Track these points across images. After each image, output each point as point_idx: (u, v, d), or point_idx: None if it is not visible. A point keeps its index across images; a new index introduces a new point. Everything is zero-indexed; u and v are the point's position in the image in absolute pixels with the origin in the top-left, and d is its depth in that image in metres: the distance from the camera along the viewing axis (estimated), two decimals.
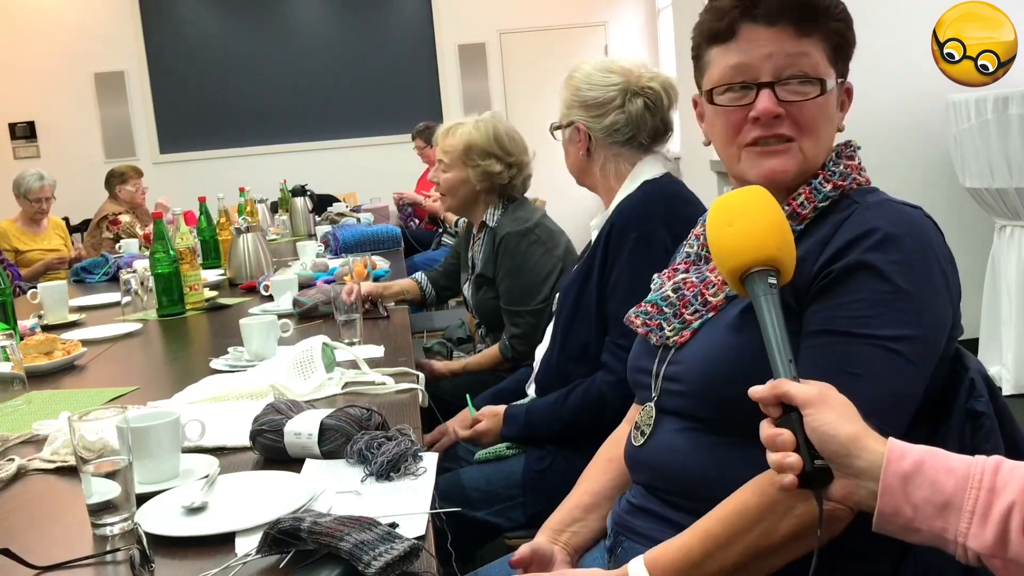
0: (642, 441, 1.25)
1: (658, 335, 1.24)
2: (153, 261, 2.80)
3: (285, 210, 5.39)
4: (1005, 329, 3.83)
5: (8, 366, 1.84)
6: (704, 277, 1.22)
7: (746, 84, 1.16)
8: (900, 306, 1.05)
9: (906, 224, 1.09)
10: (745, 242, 1.01)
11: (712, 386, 1.15)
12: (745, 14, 1.15)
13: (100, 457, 1.16)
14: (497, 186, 2.56)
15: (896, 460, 0.86)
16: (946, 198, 4.21)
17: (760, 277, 1.00)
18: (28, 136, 7.93)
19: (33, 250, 5.04)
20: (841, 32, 1.17)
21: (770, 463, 0.90)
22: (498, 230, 2.50)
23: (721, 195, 1.10)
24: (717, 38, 1.18)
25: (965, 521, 0.82)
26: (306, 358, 1.82)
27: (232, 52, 8.10)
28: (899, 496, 0.85)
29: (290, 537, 1.02)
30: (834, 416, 0.88)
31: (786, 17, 1.13)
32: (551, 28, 8.29)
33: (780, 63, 1.14)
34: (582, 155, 1.94)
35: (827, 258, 1.09)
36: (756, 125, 1.15)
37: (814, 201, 1.16)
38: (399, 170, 7.32)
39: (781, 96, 1.14)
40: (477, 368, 2.53)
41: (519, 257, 2.42)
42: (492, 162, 2.53)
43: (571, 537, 1.34)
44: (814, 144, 1.16)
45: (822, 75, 1.15)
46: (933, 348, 1.08)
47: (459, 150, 2.55)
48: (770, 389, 0.92)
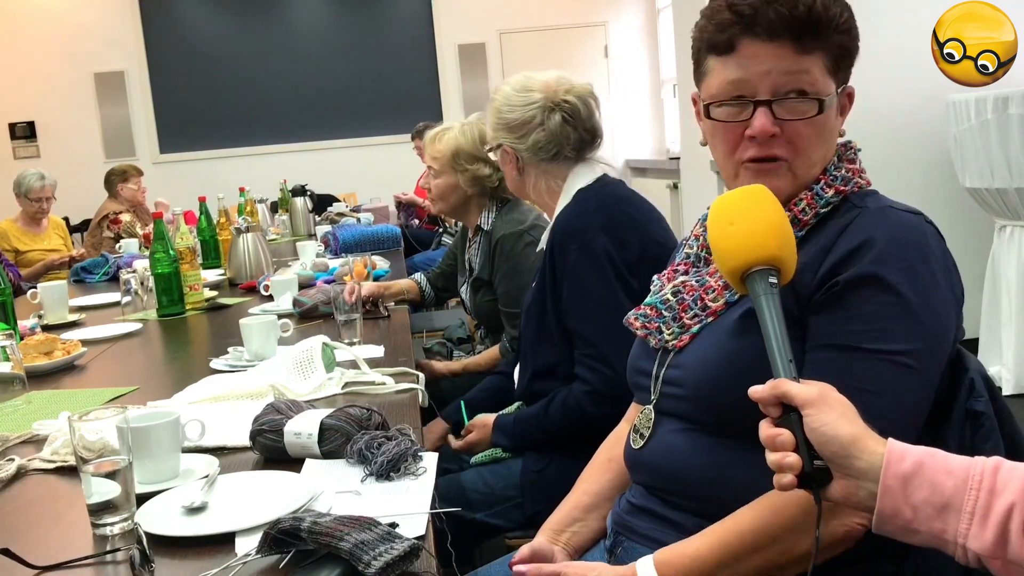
0: (641, 444, 1.25)
1: (657, 338, 1.24)
2: (153, 261, 2.80)
3: (285, 210, 5.39)
4: (1005, 329, 3.82)
5: (8, 366, 1.84)
6: (704, 282, 1.22)
7: (743, 100, 1.14)
8: (907, 318, 1.05)
9: (908, 232, 1.09)
10: (746, 241, 1.01)
11: (712, 390, 1.14)
12: (746, 29, 1.12)
13: (100, 457, 1.16)
14: (488, 189, 2.56)
15: (896, 461, 0.86)
16: (946, 198, 4.21)
17: (761, 276, 0.99)
18: (28, 136, 7.94)
19: (33, 250, 5.04)
20: (844, 44, 1.14)
21: (769, 463, 0.90)
22: (493, 233, 2.50)
23: (721, 194, 1.10)
24: (717, 49, 1.16)
25: (965, 522, 0.82)
26: (306, 358, 1.82)
27: (232, 52, 8.10)
28: (899, 497, 0.85)
29: (290, 537, 1.02)
30: (834, 417, 0.88)
31: (787, 33, 1.11)
32: (551, 28, 8.29)
33: (778, 80, 1.12)
34: (515, 175, 1.99)
35: (829, 268, 1.08)
36: (752, 143, 1.14)
37: (816, 207, 1.15)
38: (399, 170, 7.33)
39: (778, 114, 1.13)
40: (477, 368, 2.53)
41: (515, 259, 2.42)
42: (480, 166, 2.53)
43: (571, 537, 1.34)
44: (806, 163, 1.15)
45: (821, 92, 1.13)
46: (940, 356, 1.08)
47: (447, 156, 2.56)
48: (770, 389, 0.91)
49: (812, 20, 1.11)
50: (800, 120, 1.13)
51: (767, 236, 1.01)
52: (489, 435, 1.92)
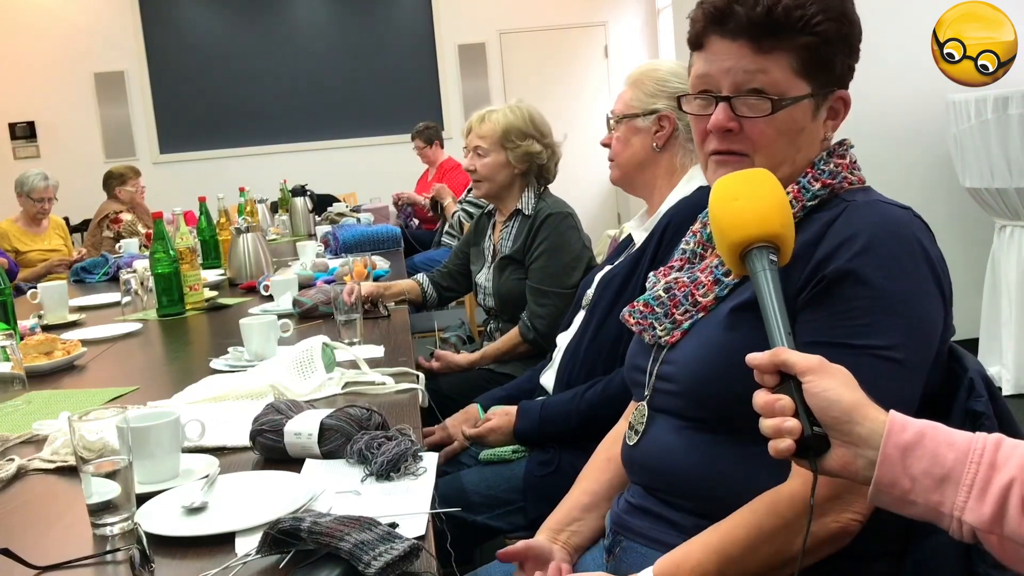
0: (635, 440, 1.25)
1: (651, 334, 1.25)
2: (153, 261, 2.80)
3: (285, 210, 5.39)
4: (1005, 329, 3.83)
5: (8, 366, 1.84)
6: (695, 278, 1.22)
7: (708, 94, 1.19)
8: (890, 312, 1.05)
9: (893, 225, 1.09)
10: (751, 216, 1.01)
11: (704, 385, 1.15)
12: (712, 26, 1.17)
13: (100, 457, 1.16)
14: (535, 167, 2.60)
15: (897, 431, 0.85)
16: (946, 198, 4.21)
17: (761, 253, 1.00)
18: (28, 136, 7.94)
19: (33, 250, 5.04)
20: (811, 46, 1.14)
21: (765, 429, 0.89)
22: (537, 213, 2.54)
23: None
24: (692, 45, 1.22)
25: (963, 495, 0.82)
26: (306, 358, 1.82)
27: (232, 52, 8.10)
28: (898, 467, 0.84)
29: (290, 537, 1.02)
30: (836, 383, 0.88)
31: (746, 33, 1.14)
32: (551, 28, 8.30)
33: (738, 79, 1.15)
34: (654, 147, 1.84)
35: (816, 263, 1.09)
36: (713, 137, 1.19)
37: (802, 200, 1.16)
38: (399, 170, 7.33)
39: (738, 111, 1.16)
40: (496, 354, 2.53)
41: (559, 238, 2.47)
42: (531, 142, 2.57)
43: (570, 537, 1.35)
44: (767, 159, 1.16)
45: (782, 92, 1.14)
46: (926, 350, 1.08)
47: (497, 133, 2.58)
48: (770, 356, 0.91)
49: (771, 22, 1.13)
50: (758, 117, 1.15)
51: (771, 213, 1.01)
52: (509, 424, 1.89)
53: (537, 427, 1.86)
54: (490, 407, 2.01)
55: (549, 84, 8.10)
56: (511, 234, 2.62)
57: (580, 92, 8.27)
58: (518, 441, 1.90)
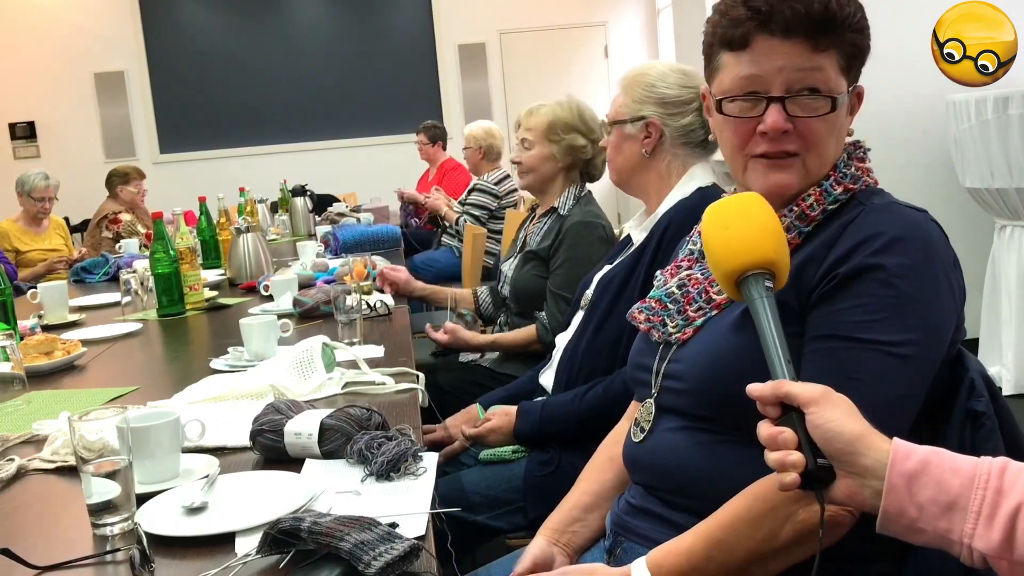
0: (641, 437, 1.25)
1: (660, 331, 1.25)
2: (153, 261, 2.79)
3: (285, 210, 5.38)
4: (1005, 329, 3.82)
5: (8, 366, 1.84)
6: (709, 275, 1.21)
7: (756, 95, 1.14)
8: (903, 310, 1.05)
9: (911, 228, 1.09)
10: (743, 244, 1.01)
11: (712, 384, 1.15)
12: (761, 26, 1.12)
13: (100, 457, 1.16)
14: (580, 161, 2.57)
15: (901, 459, 0.85)
16: (946, 198, 4.21)
17: (757, 280, 0.99)
18: (28, 136, 7.94)
19: (34, 250, 5.04)
20: (857, 43, 1.14)
21: (770, 462, 0.89)
22: (568, 217, 2.52)
23: (717, 199, 1.10)
24: (730, 44, 1.16)
25: (971, 522, 0.82)
26: (306, 358, 1.82)
27: (232, 52, 8.10)
28: (904, 496, 0.84)
29: (290, 537, 1.02)
30: (838, 414, 0.88)
31: (801, 30, 1.11)
32: (551, 28, 8.30)
33: (792, 77, 1.12)
34: (644, 152, 1.87)
35: (832, 261, 1.08)
36: (764, 139, 1.15)
37: (824, 203, 1.15)
38: (399, 170, 7.33)
39: (791, 111, 1.13)
40: (508, 344, 2.52)
41: (583, 248, 2.44)
42: (576, 136, 2.55)
43: (571, 538, 1.35)
44: (818, 159, 1.15)
45: (834, 90, 1.13)
46: (936, 351, 1.08)
47: (543, 126, 2.57)
48: (772, 388, 0.91)
49: (827, 18, 1.11)
50: (813, 117, 1.13)
51: (764, 239, 1.01)
52: (509, 424, 1.89)
53: (537, 428, 1.86)
54: (490, 407, 2.01)
55: (549, 84, 8.08)
56: (542, 229, 2.61)
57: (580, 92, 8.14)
58: (518, 441, 1.90)
